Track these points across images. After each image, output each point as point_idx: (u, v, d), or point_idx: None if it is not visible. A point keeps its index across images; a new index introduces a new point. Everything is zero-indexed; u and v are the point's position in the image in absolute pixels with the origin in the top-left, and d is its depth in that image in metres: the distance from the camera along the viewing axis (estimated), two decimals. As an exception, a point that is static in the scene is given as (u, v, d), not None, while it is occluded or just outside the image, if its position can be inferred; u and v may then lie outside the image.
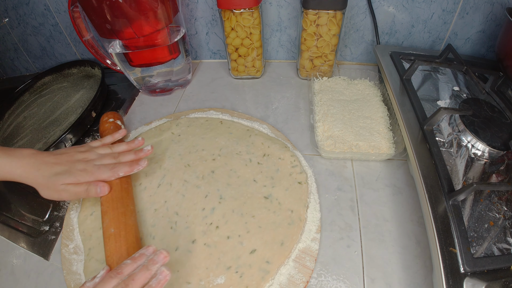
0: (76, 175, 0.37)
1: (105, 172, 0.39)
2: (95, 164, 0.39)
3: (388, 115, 0.53)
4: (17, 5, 0.70)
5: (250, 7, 0.55)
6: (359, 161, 0.49)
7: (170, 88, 0.66)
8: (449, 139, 0.43)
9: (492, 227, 0.35)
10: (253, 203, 0.43)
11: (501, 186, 0.37)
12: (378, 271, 0.37)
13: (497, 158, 0.42)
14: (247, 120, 0.56)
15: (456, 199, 0.35)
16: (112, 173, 0.39)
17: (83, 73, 0.72)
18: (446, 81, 0.54)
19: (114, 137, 0.46)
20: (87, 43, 0.61)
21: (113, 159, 0.41)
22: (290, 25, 0.66)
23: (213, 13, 0.66)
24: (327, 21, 0.54)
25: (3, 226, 0.46)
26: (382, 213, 0.43)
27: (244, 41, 0.60)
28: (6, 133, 0.63)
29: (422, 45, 0.65)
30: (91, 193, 0.38)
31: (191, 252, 0.39)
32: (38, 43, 0.77)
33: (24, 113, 0.66)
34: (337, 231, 0.41)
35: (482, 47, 0.63)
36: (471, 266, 0.31)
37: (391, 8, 0.60)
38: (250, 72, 0.66)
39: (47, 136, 0.59)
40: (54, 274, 0.40)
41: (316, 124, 0.52)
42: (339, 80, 0.61)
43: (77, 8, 0.56)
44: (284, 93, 0.63)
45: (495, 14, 0.57)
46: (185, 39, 0.61)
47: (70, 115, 0.62)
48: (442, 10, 0.59)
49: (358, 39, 0.66)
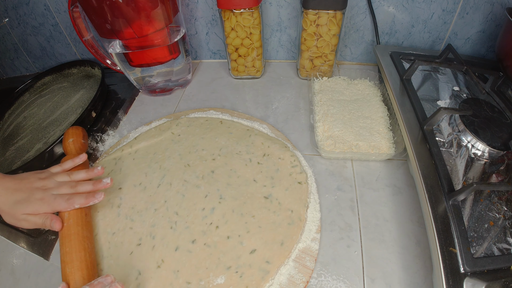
0: (35, 205, 0.38)
1: (61, 203, 0.39)
2: (52, 194, 0.39)
3: (388, 115, 0.53)
4: (17, 5, 0.70)
5: (250, 7, 0.55)
6: (359, 161, 0.49)
7: (170, 88, 0.66)
8: (449, 139, 0.43)
9: (492, 227, 0.35)
10: (253, 203, 0.43)
11: (501, 186, 0.37)
12: (378, 271, 0.37)
13: (497, 158, 0.42)
14: (247, 120, 0.56)
15: (456, 199, 0.35)
16: (68, 205, 0.39)
17: (83, 73, 0.72)
18: (446, 81, 0.54)
19: (75, 161, 0.45)
20: (87, 43, 0.61)
21: (71, 188, 0.41)
22: (290, 25, 0.66)
23: (213, 13, 0.66)
24: (327, 21, 0.54)
25: (3, 226, 0.46)
26: (382, 213, 0.43)
27: (244, 41, 0.60)
28: (6, 133, 0.63)
29: (422, 45, 0.65)
30: (46, 226, 0.38)
31: (191, 252, 0.39)
32: (38, 43, 0.77)
33: (24, 113, 0.66)
34: (337, 231, 0.41)
35: (482, 47, 0.63)
36: (471, 266, 0.31)
37: (391, 8, 0.60)
38: (250, 72, 0.66)
39: (47, 136, 0.59)
40: (54, 274, 0.40)
41: (316, 124, 0.52)
42: (339, 80, 0.61)
43: (77, 8, 0.56)
44: (284, 93, 0.63)
45: (495, 14, 0.57)
46: (185, 39, 0.61)
47: (70, 115, 0.62)
48: (442, 10, 0.59)
49: (358, 39, 0.66)
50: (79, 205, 0.40)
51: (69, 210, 0.40)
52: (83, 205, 0.40)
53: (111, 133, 0.58)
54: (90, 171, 0.44)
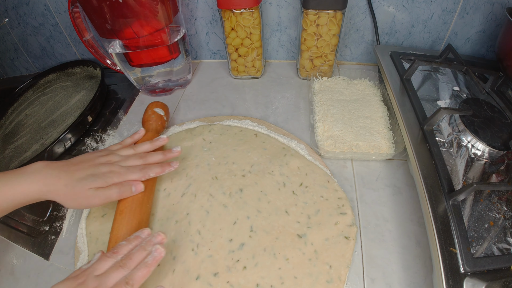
0: (104, 177, 0.35)
1: (135, 172, 0.36)
2: (121, 165, 0.37)
3: (388, 115, 0.53)
4: (17, 5, 0.70)
5: (250, 7, 0.55)
6: (359, 161, 0.49)
7: (170, 88, 0.66)
8: (449, 139, 0.43)
9: (492, 227, 0.35)
10: (285, 240, 0.38)
11: (501, 186, 0.37)
12: (378, 271, 0.37)
13: (497, 158, 0.42)
14: (284, 137, 0.51)
15: (456, 199, 0.35)
16: (143, 174, 0.37)
17: (86, 73, 0.72)
18: (446, 81, 0.54)
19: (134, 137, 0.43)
20: (87, 43, 0.61)
21: (140, 159, 0.38)
22: (290, 25, 0.66)
23: (213, 13, 0.66)
24: (327, 21, 0.54)
25: (3, 226, 0.46)
26: (382, 213, 0.43)
27: (244, 41, 0.60)
28: (7, 130, 0.63)
29: (422, 45, 0.65)
30: (125, 193, 0.35)
31: (212, 286, 0.35)
32: (38, 43, 0.77)
33: (26, 110, 0.67)
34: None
35: (482, 47, 0.63)
36: (471, 266, 0.31)
37: (391, 8, 0.60)
38: (250, 72, 0.66)
39: (45, 137, 0.59)
40: (54, 274, 0.40)
41: (316, 124, 0.52)
42: (339, 80, 0.61)
43: (77, 8, 0.56)
44: (284, 93, 0.63)
45: (495, 14, 0.57)
46: (185, 39, 0.61)
47: (68, 117, 0.62)
48: (442, 10, 0.59)
49: (358, 39, 0.66)
50: (154, 173, 0.38)
51: (143, 179, 0.37)
52: (159, 173, 0.38)
53: (111, 133, 0.58)
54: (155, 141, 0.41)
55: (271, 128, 0.54)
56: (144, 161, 0.38)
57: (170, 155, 0.40)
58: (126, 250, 0.31)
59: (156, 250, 0.30)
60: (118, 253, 0.31)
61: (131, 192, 0.36)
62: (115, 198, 0.36)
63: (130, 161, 0.38)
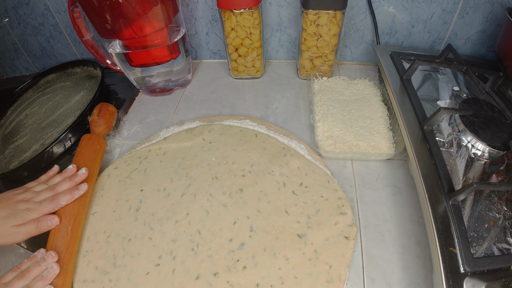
0: (23, 215, 0.37)
1: (47, 205, 0.39)
2: (35, 201, 0.39)
3: (388, 115, 0.53)
4: (17, 5, 0.70)
5: (250, 7, 0.55)
6: (359, 161, 0.49)
7: (170, 88, 0.66)
8: (449, 139, 0.43)
9: (492, 227, 0.35)
10: (285, 240, 0.38)
11: (501, 186, 0.37)
12: (378, 271, 0.37)
13: (497, 158, 0.42)
14: (284, 137, 0.51)
15: (456, 199, 0.35)
16: (54, 205, 0.39)
17: (86, 73, 0.72)
18: (446, 81, 0.54)
19: (49, 175, 0.45)
20: (87, 43, 0.61)
21: (50, 191, 0.41)
22: (290, 25, 0.66)
23: (213, 13, 0.66)
24: (327, 21, 0.54)
25: (3, 226, 0.46)
26: (382, 213, 0.43)
27: (244, 41, 0.60)
28: (7, 130, 0.63)
29: (422, 45, 0.65)
30: (42, 228, 0.38)
31: (211, 286, 0.35)
32: (38, 43, 0.77)
33: (26, 110, 0.66)
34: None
35: (482, 47, 0.63)
36: (471, 266, 0.31)
37: (391, 8, 0.60)
38: (250, 72, 0.66)
39: (45, 137, 0.59)
40: (54, 274, 0.40)
41: (316, 124, 0.52)
42: (339, 80, 0.61)
43: (77, 8, 0.56)
44: (284, 93, 0.63)
45: (495, 14, 0.57)
46: (185, 39, 0.61)
47: (68, 117, 0.62)
48: (442, 10, 0.59)
49: (358, 39, 0.66)
50: (65, 201, 0.40)
51: (57, 209, 0.40)
52: (70, 200, 0.40)
53: (111, 133, 0.58)
54: (64, 173, 0.43)
55: (271, 128, 0.54)
56: (55, 191, 0.41)
57: (77, 179, 0.42)
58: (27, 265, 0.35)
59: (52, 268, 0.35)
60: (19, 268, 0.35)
61: (48, 226, 0.38)
62: (35, 233, 0.38)
63: (43, 195, 0.40)
